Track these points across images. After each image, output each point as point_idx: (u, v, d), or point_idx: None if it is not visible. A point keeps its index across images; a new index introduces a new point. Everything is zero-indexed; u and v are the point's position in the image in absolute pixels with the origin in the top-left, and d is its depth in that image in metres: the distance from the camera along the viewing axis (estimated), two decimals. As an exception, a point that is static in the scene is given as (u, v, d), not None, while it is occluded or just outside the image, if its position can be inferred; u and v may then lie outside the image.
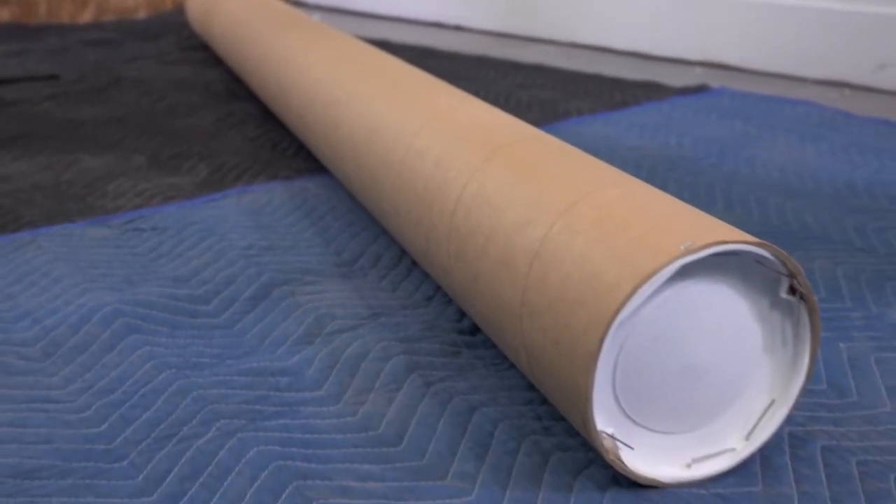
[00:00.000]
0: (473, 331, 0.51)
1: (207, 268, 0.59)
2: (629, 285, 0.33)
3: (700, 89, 1.09)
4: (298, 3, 1.86)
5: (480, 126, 0.49)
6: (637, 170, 0.80)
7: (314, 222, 0.67)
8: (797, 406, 0.43)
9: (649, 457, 0.38)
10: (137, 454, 0.40)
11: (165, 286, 0.56)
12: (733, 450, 0.39)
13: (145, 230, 0.65)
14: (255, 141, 0.89)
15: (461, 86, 1.09)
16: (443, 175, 0.47)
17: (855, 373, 0.47)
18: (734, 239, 0.34)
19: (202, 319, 0.53)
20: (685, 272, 0.35)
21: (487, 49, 1.39)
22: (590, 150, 0.86)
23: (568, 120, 0.96)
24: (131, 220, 0.67)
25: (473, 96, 0.58)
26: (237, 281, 0.57)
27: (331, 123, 0.66)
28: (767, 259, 0.36)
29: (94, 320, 0.52)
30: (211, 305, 0.54)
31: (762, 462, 0.40)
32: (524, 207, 0.41)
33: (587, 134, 0.91)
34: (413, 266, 0.60)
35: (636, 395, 0.37)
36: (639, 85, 1.12)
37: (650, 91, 1.09)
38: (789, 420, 0.42)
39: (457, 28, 1.60)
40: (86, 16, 1.64)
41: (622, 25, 1.36)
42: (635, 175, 0.78)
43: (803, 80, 1.17)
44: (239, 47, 0.99)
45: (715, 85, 1.12)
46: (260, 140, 0.90)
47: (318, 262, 0.60)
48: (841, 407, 0.44)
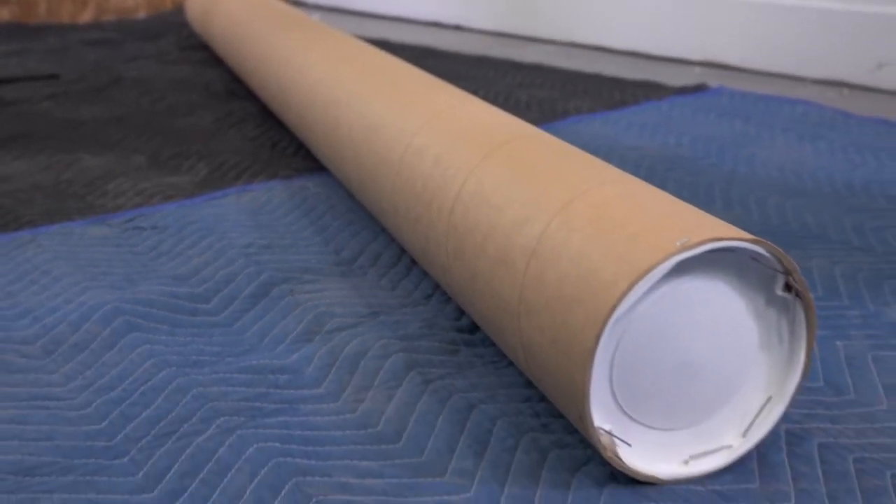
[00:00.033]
0: (472, 329, 0.51)
1: (207, 266, 0.59)
2: (626, 282, 0.33)
3: (699, 89, 1.09)
4: (298, 3, 1.86)
5: (479, 125, 0.50)
6: (636, 169, 0.80)
7: (313, 221, 0.68)
8: (794, 404, 0.44)
9: (647, 453, 0.38)
10: (138, 451, 0.40)
11: (165, 284, 0.57)
12: (730, 447, 0.39)
13: (145, 229, 0.66)
14: (255, 140, 0.90)
15: (461, 85, 1.10)
16: (441, 173, 0.48)
17: (852, 371, 0.47)
18: (730, 236, 0.34)
19: (202, 317, 0.53)
20: (681, 269, 0.35)
21: (487, 49, 1.40)
22: (589, 150, 0.86)
23: (567, 119, 0.96)
24: (131, 219, 0.68)
25: (473, 96, 0.59)
26: (237, 279, 0.57)
27: (330, 123, 0.66)
28: (763, 256, 0.36)
29: (95, 318, 0.52)
30: (211, 304, 0.54)
31: (759, 459, 0.40)
32: (522, 205, 0.41)
33: (586, 133, 0.91)
34: (412, 264, 0.60)
35: (633, 392, 0.37)
36: (638, 84, 1.12)
37: (649, 90, 1.09)
38: (786, 417, 0.42)
39: (456, 28, 1.61)
40: (86, 15, 1.65)
41: (621, 25, 1.36)
42: (634, 174, 0.78)
43: (802, 80, 1.18)
44: (239, 47, 1.00)
45: (714, 84, 1.12)
46: (259, 139, 0.90)
47: (318, 261, 0.61)
48: (838, 405, 0.44)
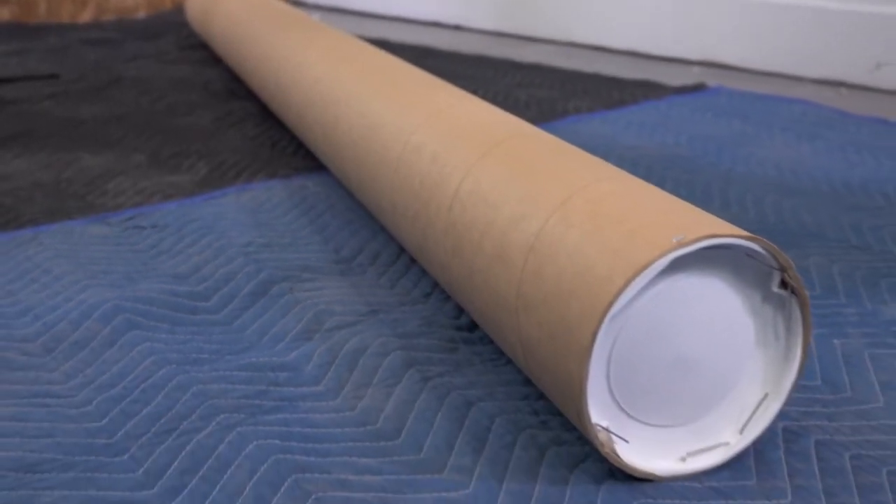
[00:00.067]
0: (471, 327, 0.52)
1: (207, 265, 0.60)
2: (622, 278, 0.33)
3: (697, 88, 1.09)
4: (298, 3, 1.86)
5: (477, 123, 0.50)
6: (634, 168, 0.80)
7: (313, 220, 0.68)
8: (791, 401, 0.44)
9: (644, 450, 0.38)
10: (138, 448, 0.41)
11: (165, 283, 0.57)
12: (727, 444, 0.39)
13: (145, 228, 0.66)
14: (255, 139, 0.90)
15: (460, 85, 1.10)
16: (439, 171, 0.48)
17: (849, 369, 0.48)
18: (725, 233, 0.34)
19: (202, 316, 0.53)
20: (678, 265, 0.35)
21: (486, 48, 1.40)
22: (588, 149, 0.86)
23: (566, 119, 0.97)
24: (131, 218, 0.68)
25: (471, 95, 0.59)
26: (236, 278, 0.58)
27: (330, 122, 0.66)
28: (758, 253, 0.36)
29: (95, 316, 0.52)
30: (210, 302, 0.55)
31: (756, 456, 0.40)
32: (519, 202, 0.41)
33: (585, 133, 0.91)
34: (411, 263, 0.60)
35: (630, 388, 0.37)
36: (636, 84, 1.13)
37: (648, 90, 1.09)
38: (783, 415, 0.42)
39: (455, 28, 1.61)
40: (85, 15, 1.65)
41: (620, 25, 1.37)
42: (632, 173, 0.78)
43: (800, 80, 1.18)
44: (238, 47, 1.00)
45: (712, 84, 1.12)
46: (259, 139, 0.90)
47: (317, 260, 0.61)
48: (835, 402, 0.45)
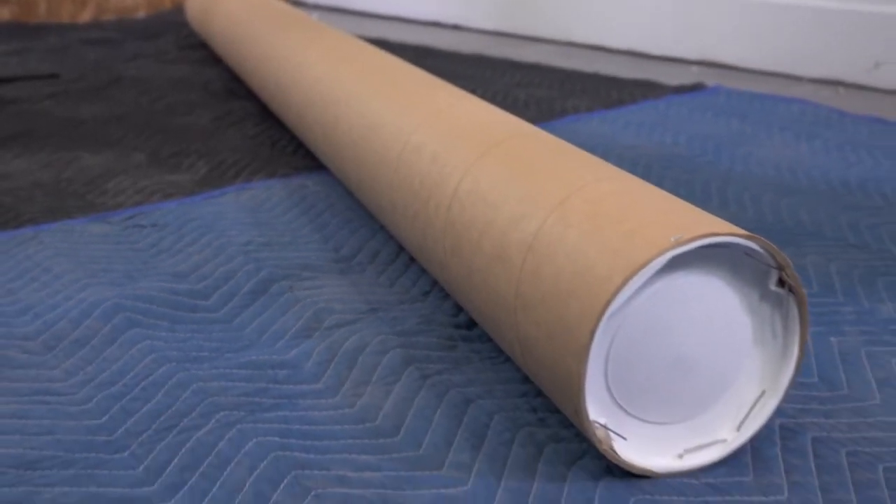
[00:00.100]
0: (470, 325, 0.52)
1: (207, 263, 0.60)
2: (620, 277, 0.33)
3: (696, 88, 1.09)
4: (297, 3, 1.86)
5: (476, 123, 0.50)
6: (633, 168, 0.80)
7: (312, 219, 0.68)
8: (788, 399, 0.44)
9: (642, 447, 0.39)
10: (138, 445, 0.41)
11: (165, 281, 0.57)
12: (724, 440, 0.39)
13: (145, 226, 0.66)
14: (254, 139, 0.90)
15: (459, 85, 1.10)
16: (439, 171, 0.48)
17: (846, 366, 0.48)
18: (723, 231, 0.35)
19: (202, 314, 0.53)
20: (676, 264, 0.35)
21: (485, 48, 1.40)
22: (586, 149, 0.86)
23: (565, 118, 0.97)
24: (131, 217, 0.68)
25: (471, 94, 0.59)
26: (236, 276, 0.58)
27: (329, 121, 0.66)
28: (756, 251, 0.36)
29: (95, 315, 0.52)
30: (210, 300, 0.55)
31: (753, 453, 0.40)
32: (518, 202, 0.41)
33: (584, 132, 0.92)
34: (410, 262, 0.60)
35: (628, 386, 0.37)
36: (635, 83, 1.13)
37: (646, 89, 1.09)
38: (780, 412, 0.43)
39: (455, 27, 1.61)
40: (85, 15, 1.65)
41: (620, 25, 1.37)
42: (631, 173, 0.79)
43: (798, 79, 1.18)
44: (238, 46, 1.00)
45: (711, 83, 1.12)
46: (259, 138, 0.90)
47: (317, 258, 0.61)
48: (832, 399, 0.45)
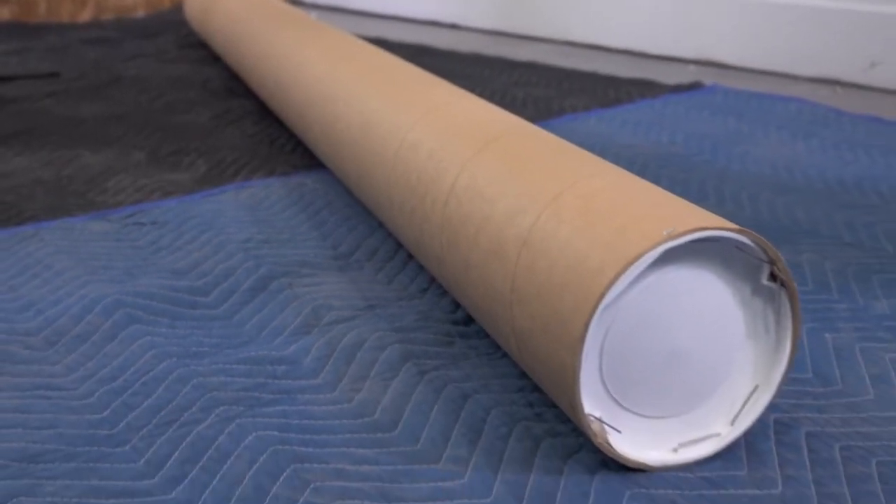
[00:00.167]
0: (467, 321, 0.52)
1: (206, 260, 0.60)
2: (613, 270, 0.34)
3: (693, 87, 1.10)
4: (296, 2, 1.86)
5: (473, 120, 0.50)
6: (630, 166, 0.81)
7: (311, 216, 0.68)
8: (783, 394, 0.44)
9: (637, 441, 0.39)
10: (139, 439, 0.41)
11: (165, 278, 0.57)
12: (718, 434, 0.40)
13: (145, 224, 0.66)
14: (254, 137, 0.90)
15: (457, 83, 1.10)
16: (436, 167, 0.48)
17: (840, 362, 0.48)
18: (715, 225, 0.35)
19: (201, 310, 0.54)
20: (668, 258, 0.36)
21: (483, 47, 1.40)
22: (583, 147, 0.86)
23: (562, 117, 0.97)
24: (131, 215, 0.68)
25: (468, 92, 0.59)
26: (236, 273, 0.58)
27: (328, 119, 0.66)
28: (747, 246, 0.37)
29: (96, 311, 0.53)
30: (210, 297, 0.55)
31: (747, 447, 0.41)
32: (514, 198, 0.42)
33: (581, 131, 0.92)
34: (408, 259, 0.61)
35: (623, 380, 0.38)
36: (633, 82, 1.13)
37: (644, 88, 1.10)
38: (775, 407, 0.43)
39: (453, 26, 1.61)
40: (85, 14, 1.65)
41: (618, 24, 1.37)
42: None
43: (796, 78, 1.18)
44: (237, 45, 1.00)
45: (708, 82, 1.13)
46: (258, 136, 0.91)
47: (316, 255, 0.61)
48: (825, 395, 0.45)
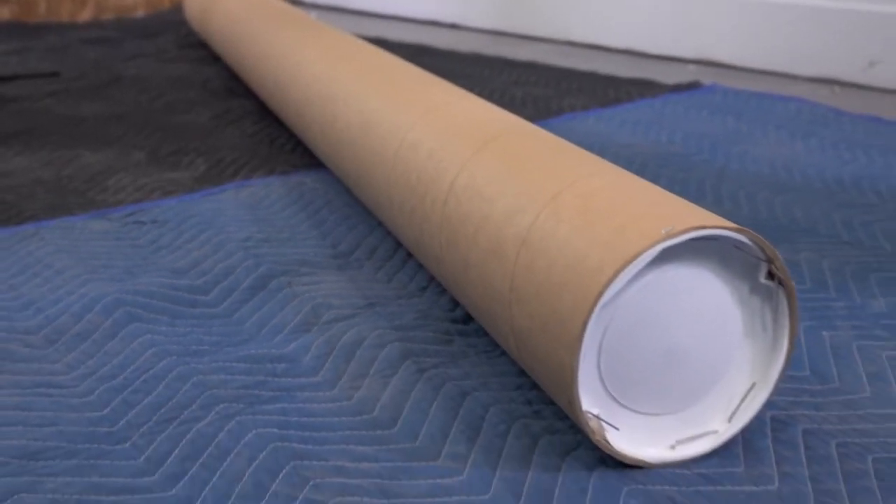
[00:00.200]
0: (466, 320, 0.52)
1: (206, 259, 0.60)
2: (612, 268, 0.34)
3: (692, 86, 1.10)
4: (296, 2, 1.87)
5: (472, 120, 0.51)
6: (628, 166, 0.81)
7: (311, 215, 0.69)
8: (780, 392, 0.45)
9: (635, 438, 0.39)
10: (139, 436, 0.41)
11: (165, 277, 0.58)
12: (716, 432, 0.40)
13: (145, 223, 0.67)
14: (253, 137, 0.91)
15: (456, 83, 1.11)
16: (435, 167, 0.49)
17: (837, 360, 0.48)
18: (713, 224, 0.35)
19: (201, 309, 0.54)
20: (666, 256, 0.36)
21: (483, 47, 1.41)
22: (582, 147, 0.87)
23: (561, 116, 0.97)
24: (131, 214, 0.69)
25: (467, 92, 0.60)
26: (235, 272, 0.58)
27: (328, 119, 0.67)
28: (745, 244, 0.37)
29: (96, 309, 0.53)
30: (210, 295, 0.55)
31: (744, 444, 0.41)
32: (513, 197, 0.42)
33: (580, 130, 0.92)
34: (408, 258, 0.61)
35: (621, 378, 0.38)
36: (632, 82, 1.13)
37: (643, 88, 1.10)
38: (772, 405, 0.43)
39: (453, 26, 1.62)
40: (85, 14, 1.65)
41: (618, 24, 1.37)
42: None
43: (795, 78, 1.19)
44: (237, 45, 1.01)
45: (707, 82, 1.13)
46: (258, 136, 0.91)
47: (315, 254, 0.62)
48: (822, 392, 0.45)
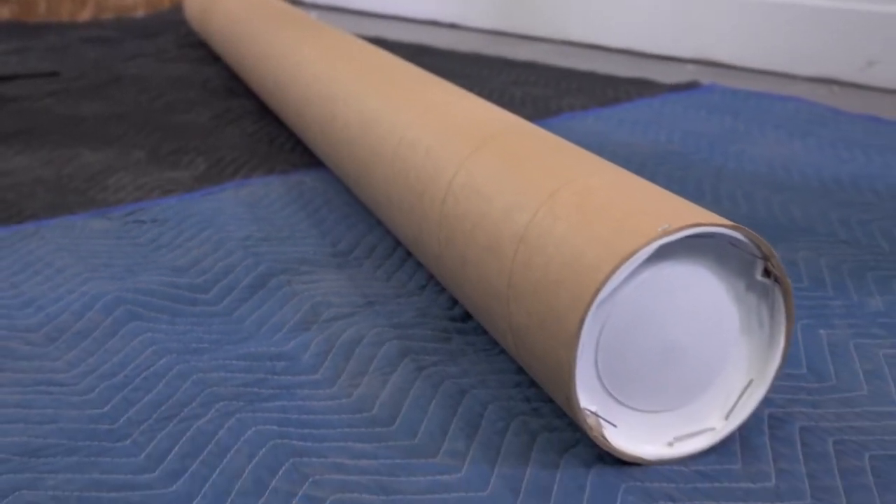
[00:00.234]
0: (464, 318, 0.53)
1: (206, 258, 0.61)
2: (609, 266, 0.34)
3: (691, 86, 1.10)
4: (296, 2, 1.87)
5: (470, 118, 0.51)
6: (627, 164, 0.81)
7: (310, 214, 0.69)
8: (777, 389, 0.45)
9: (632, 435, 0.39)
10: (140, 434, 0.42)
11: (165, 275, 0.58)
12: (713, 429, 0.40)
13: (145, 222, 0.67)
14: (253, 136, 0.91)
15: (456, 83, 1.11)
16: (433, 165, 0.49)
17: (834, 358, 0.49)
18: (709, 222, 0.35)
19: (201, 307, 0.54)
20: (663, 254, 0.36)
21: (482, 47, 1.41)
22: (581, 146, 0.87)
23: (560, 116, 0.97)
24: (132, 213, 0.69)
25: (466, 91, 0.60)
26: (235, 270, 0.59)
27: (327, 118, 0.67)
28: (741, 242, 0.37)
29: (97, 308, 0.53)
30: (210, 294, 0.56)
31: (742, 441, 0.41)
32: (511, 195, 0.42)
33: (578, 130, 0.92)
34: (406, 256, 0.61)
35: (618, 375, 0.38)
36: (631, 82, 1.14)
37: (642, 88, 1.10)
38: (769, 402, 0.43)
39: (452, 26, 1.62)
40: (85, 14, 1.66)
41: (617, 24, 1.38)
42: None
43: (793, 77, 1.19)
44: (237, 45, 1.01)
45: (706, 82, 1.13)
46: (257, 135, 0.91)
47: (315, 253, 0.62)
48: (819, 390, 0.46)
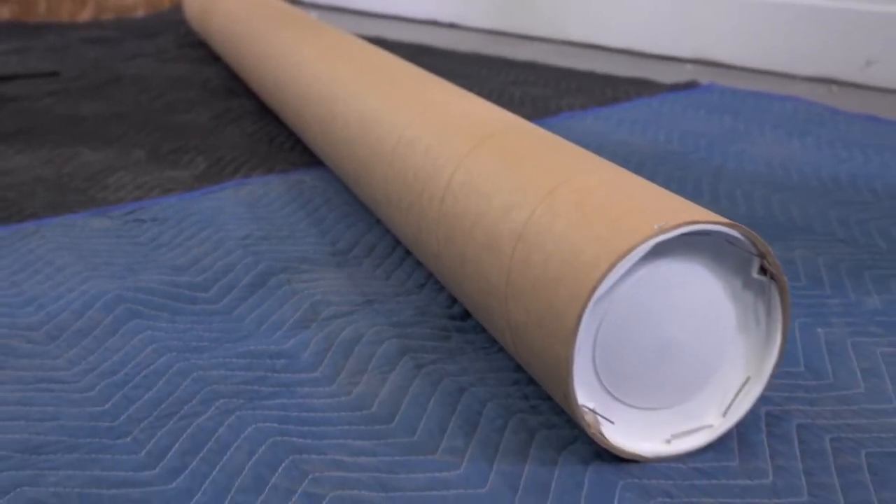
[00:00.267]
0: (463, 316, 0.53)
1: (206, 257, 0.61)
2: (606, 263, 0.35)
3: (690, 86, 1.10)
4: (296, 1, 1.87)
5: (469, 117, 0.51)
6: (626, 164, 0.81)
7: (310, 213, 0.69)
8: (775, 387, 0.45)
9: (630, 432, 0.40)
10: (140, 431, 0.42)
11: (165, 274, 0.58)
12: (711, 426, 0.40)
13: (146, 221, 0.67)
14: (253, 135, 0.91)
15: (455, 83, 1.11)
16: (432, 163, 0.49)
17: (832, 356, 0.49)
18: (705, 219, 0.36)
19: (201, 306, 0.54)
20: (659, 251, 0.36)
21: (482, 47, 1.41)
22: (580, 145, 0.87)
23: (559, 115, 0.98)
24: (132, 212, 0.69)
25: (465, 90, 0.60)
26: (235, 269, 0.59)
27: (327, 118, 0.67)
28: (738, 239, 0.37)
29: (97, 306, 0.53)
30: (210, 292, 0.56)
31: (739, 439, 0.41)
32: (509, 193, 0.42)
33: (578, 129, 0.93)
34: (405, 255, 0.61)
35: (616, 372, 0.38)
36: (630, 81, 1.14)
37: (641, 87, 1.10)
38: (766, 400, 0.44)
39: (452, 26, 1.62)
40: (85, 14, 1.66)
41: (616, 24, 1.38)
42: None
43: (792, 77, 1.19)
44: (237, 44, 1.01)
45: (705, 81, 1.13)
46: (257, 135, 0.91)
47: (314, 252, 0.62)
48: (817, 388, 0.46)
